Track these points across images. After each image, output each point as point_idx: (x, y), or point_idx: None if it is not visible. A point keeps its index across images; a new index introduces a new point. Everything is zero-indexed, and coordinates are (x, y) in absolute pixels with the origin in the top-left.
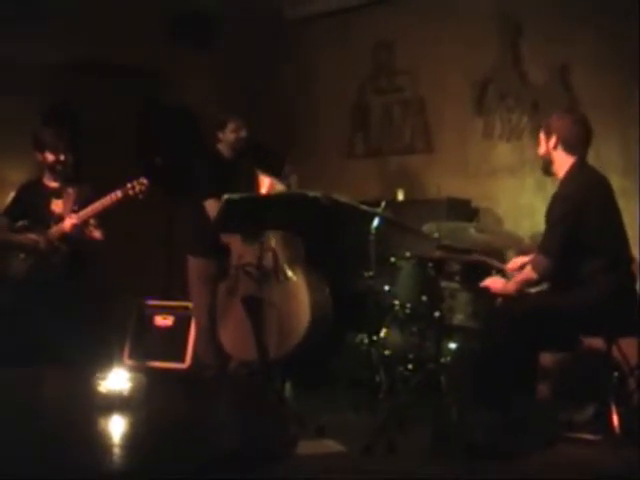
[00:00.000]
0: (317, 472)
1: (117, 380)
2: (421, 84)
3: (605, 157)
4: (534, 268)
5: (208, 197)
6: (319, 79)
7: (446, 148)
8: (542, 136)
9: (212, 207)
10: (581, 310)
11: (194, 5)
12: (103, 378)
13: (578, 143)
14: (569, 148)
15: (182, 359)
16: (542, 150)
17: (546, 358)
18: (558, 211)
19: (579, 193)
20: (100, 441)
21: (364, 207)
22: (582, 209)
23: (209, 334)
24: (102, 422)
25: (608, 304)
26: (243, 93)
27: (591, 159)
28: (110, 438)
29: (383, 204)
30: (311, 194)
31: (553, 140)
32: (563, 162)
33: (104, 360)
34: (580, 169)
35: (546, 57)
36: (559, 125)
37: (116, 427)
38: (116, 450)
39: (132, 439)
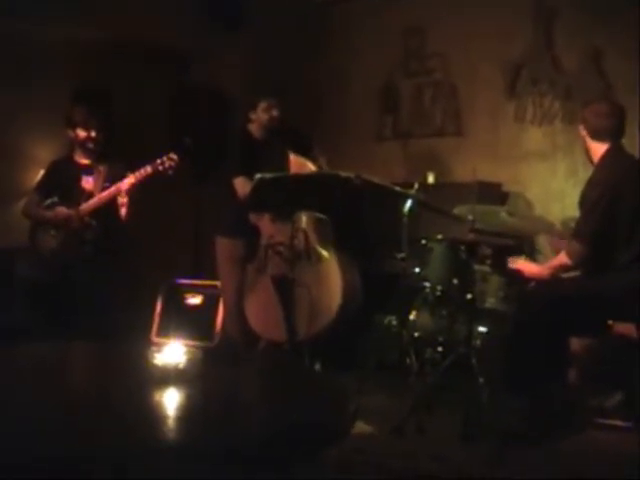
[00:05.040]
0: (346, 453)
1: (173, 353)
2: (452, 67)
3: None
4: (568, 254)
5: (238, 175)
6: (349, 62)
7: (477, 131)
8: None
9: (241, 185)
10: (613, 296)
11: None
12: (159, 351)
13: (607, 132)
14: (598, 137)
15: (210, 338)
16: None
17: (574, 343)
18: (591, 198)
19: (611, 179)
20: (157, 413)
21: (397, 188)
22: (614, 195)
23: (237, 314)
24: (158, 394)
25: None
26: (274, 75)
27: (626, 146)
28: (166, 410)
29: (416, 186)
30: (344, 174)
31: (584, 130)
32: (597, 150)
33: (136, 336)
34: (614, 156)
35: (579, 43)
36: (587, 115)
37: (172, 399)
38: (173, 422)
39: (190, 411)
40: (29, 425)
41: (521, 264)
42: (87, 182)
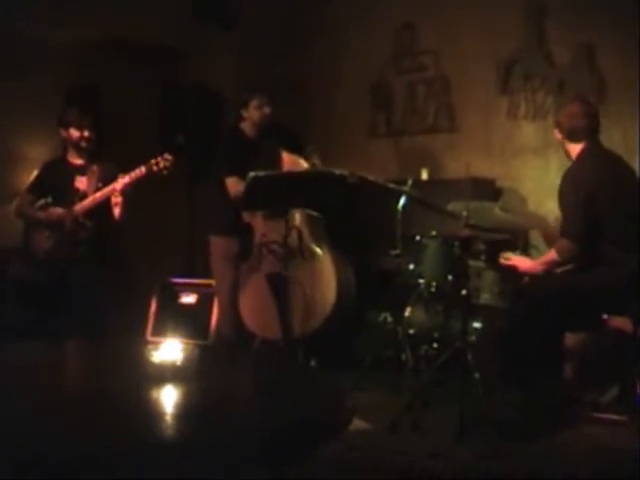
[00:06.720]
0: (342, 450)
1: (170, 351)
2: (445, 63)
3: (632, 138)
4: (558, 252)
5: (230, 175)
6: (341, 59)
7: (470, 128)
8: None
9: (233, 183)
10: (607, 290)
11: None
12: (156, 349)
13: (582, 131)
14: (575, 137)
15: (205, 336)
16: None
17: (569, 338)
18: (568, 195)
19: (583, 177)
20: (153, 411)
21: (391, 185)
22: (590, 192)
23: (232, 313)
24: (154, 392)
25: (635, 284)
26: (265, 72)
27: (617, 141)
28: (162, 408)
29: (410, 182)
30: (338, 172)
31: (559, 133)
32: (573, 149)
33: (131, 336)
34: (589, 154)
35: (571, 38)
36: (561, 119)
37: (168, 397)
38: (171, 419)
39: (185, 409)
40: (23, 424)
41: (515, 259)
42: (81, 182)
